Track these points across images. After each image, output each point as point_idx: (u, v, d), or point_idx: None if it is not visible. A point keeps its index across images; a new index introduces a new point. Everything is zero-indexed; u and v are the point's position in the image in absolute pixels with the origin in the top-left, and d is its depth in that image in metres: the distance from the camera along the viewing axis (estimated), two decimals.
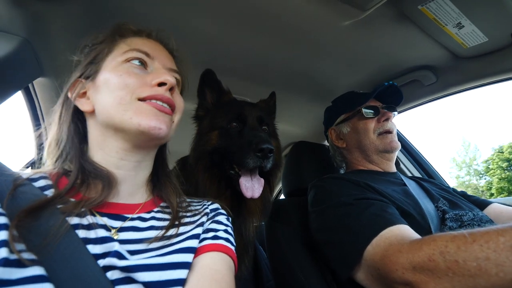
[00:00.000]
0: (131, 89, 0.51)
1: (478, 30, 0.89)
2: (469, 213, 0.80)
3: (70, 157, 0.52)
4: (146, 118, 0.50)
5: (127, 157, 0.54)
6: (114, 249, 0.43)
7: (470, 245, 0.45)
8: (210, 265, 0.51)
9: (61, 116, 0.56)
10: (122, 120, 0.50)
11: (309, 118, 1.57)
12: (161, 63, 0.58)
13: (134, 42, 0.58)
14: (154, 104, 0.52)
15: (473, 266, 0.44)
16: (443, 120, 73.07)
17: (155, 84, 0.53)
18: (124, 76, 0.52)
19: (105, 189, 0.49)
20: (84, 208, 0.46)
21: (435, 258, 0.48)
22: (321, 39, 0.98)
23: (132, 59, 0.55)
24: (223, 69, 1.11)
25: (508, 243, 0.42)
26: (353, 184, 0.82)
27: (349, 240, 0.66)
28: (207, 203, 0.66)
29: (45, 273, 0.37)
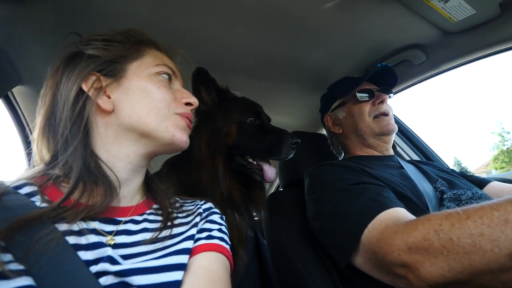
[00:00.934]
0: (168, 103, 0.55)
1: (465, 3, 0.86)
2: (467, 192, 0.79)
3: (70, 159, 0.47)
4: (180, 132, 0.56)
5: (136, 161, 0.54)
6: (107, 254, 0.42)
7: (464, 221, 0.44)
8: (206, 265, 0.50)
9: (57, 107, 0.50)
10: (157, 128, 0.53)
11: (302, 108, 1.56)
12: (180, 81, 0.63)
13: (160, 56, 0.60)
14: (187, 121, 0.59)
15: (467, 243, 0.42)
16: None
17: (184, 103, 0.59)
18: (162, 89, 0.55)
19: (108, 195, 0.47)
20: (83, 217, 0.44)
21: (429, 237, 0.47)
22: (306, 25, 0.96)
23: (163, 73, 0.58)
24: (208, 62, 1.09)
25: (503, 217, 0.41)
26: (347, 170, 0.80)
27: (345, 227, 0.65)
28: (200, 202, 0.65)
29: (33, 283, 0.36)
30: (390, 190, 0.72)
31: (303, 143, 1.16)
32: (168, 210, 0.57)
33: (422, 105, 76.32)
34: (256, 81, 1.28)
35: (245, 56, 1.11)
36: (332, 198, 0.74)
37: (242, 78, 1.23)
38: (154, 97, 0.54)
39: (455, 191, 0.80)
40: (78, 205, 0.45)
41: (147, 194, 0.60)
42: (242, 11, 0.88)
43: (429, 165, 1.02)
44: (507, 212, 0.41)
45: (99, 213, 0.46)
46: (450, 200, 0.78)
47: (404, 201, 0.69)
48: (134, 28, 0.61)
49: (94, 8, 0.80)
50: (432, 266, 0.46)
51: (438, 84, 66.73)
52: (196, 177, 0.86)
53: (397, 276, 0.53)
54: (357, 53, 1.16)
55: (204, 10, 0.86)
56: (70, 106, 0.49)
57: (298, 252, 0.85)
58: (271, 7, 0.86)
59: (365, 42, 1.08)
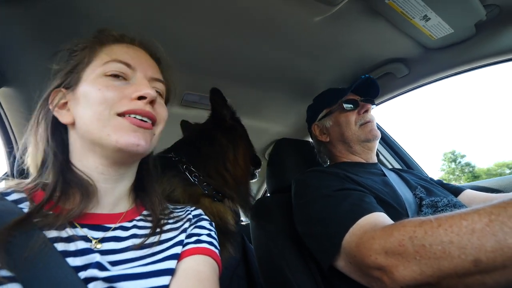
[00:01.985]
0: (109, 104, 0.49)
1: (444, 22, 0.92)
2: (443, 199, 0.84)
3: (50, 168, 0.50)
4: (125, 135, 0.48)
5: (108, 171, 0.52)
6: (95, 261, 0.42)
7: (436, 229, 0.47)
8: (194, 266, 0.50)
9: (39, 128, 0.54)
10: (100, 137, 0.48)
11: (290, 115, 1.58)
12: (142, 72, 0.55)
13: (115, 51, 0.55)
14: (132, 120, 0.50)
15: (438, 250, 0.46)
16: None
17: (135, 98, 0.51)
18: (102, 90, 0.50)
19: (84, 199, 0.48)
20: (64, 221, 0.44)
21: (404, 243, 0.50)
22: (295, 36, 0.99)
23: (112, 71, 0.52)
24: (197, 68, 1.10)
25: (470, 226, 0.44)
26: (333, 176, 0.84)
27: (328, 231, 0.68)
28: (190, 209, 0.65)
29: None
30: (372, 196, 0.75)
31: (291, 150, 1.19)
32: (158, 216, 0.57)
33: (402, 116, 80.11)
34: (246, 88, 1.30)
35: (235, 63, 1.12)
36: (317, 203, 0.76)
37: (231, 84, 1.25)
38: (94, 101, 0.49)
39: (433, 198, 0.85)
40: (57, 208, 0.46)
41: (137, 200, 0.60)
42: (233, 20, 0.89)
43: (409, 173, 1.07)
44: (473, 222, 0.44)
45: (77, 217, 0.46)
46: (428, 206, 0.82)
47: (385, 206, 0.73)
48: (101, 28, 0.59)
49: (82, 11, 0.79)
50: (405, 270, 0.49)
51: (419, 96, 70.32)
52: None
53: (374, 278, 0.56)
54: (343, 64, 1.20)
55: (196, 17, 0.87)
56: (43, 123, 0.54)
57: (284, 256, 0.87)
58: (263, 17, 0.88)
59: (351, 54, 1.12)
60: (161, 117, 0.56)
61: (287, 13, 0.86)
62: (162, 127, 0.58)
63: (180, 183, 0.81)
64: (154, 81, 0.58)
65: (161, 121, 0.57)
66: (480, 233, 0.43)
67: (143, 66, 0.56)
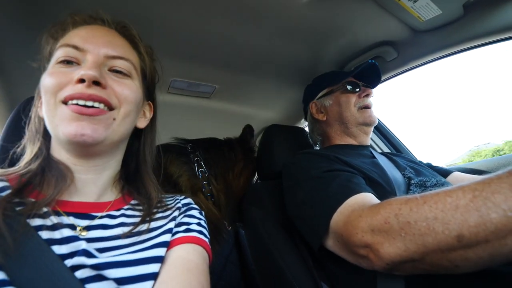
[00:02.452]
0: (54, 92, 0.47)
1: (432, 3, 0.90)
2: (432, 179, 0.85)
3: (37, 160, 0.51)
4: (67, 125, 0.45)
5: (80, 163, 0.51)
6: (82, 248, 0.42)
7: (421, 206, 0.48)
8: (183, 255, 0.50)
9: (32, 126, 0.55)
10: (51, 128, 0.48)
11: (280, 101, 1.58)
12: (94, 52, 0.50)
13: (70, 36, 0.52)
14: (73, 108, 0.45)
15: (423, 226, 0.46)
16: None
17: (76, 82, 0.46)
18: (47, 78, 0.48)
19: (58, 183, 0.47)
20: (45, 208, 0.44)
21: (390, 221, 0.51)
22: (282, 19, 0.96)
23: (61, 56, 0.49)
24: (183, 54, 1.07)
25: (454, 203, 0.45)
26: (323, 158, 0.84)
27: (317, 213, 0.69)
28: (180, 197, 0.65)
29: (7, 277, 0.35)
30: (361, 176, 0.76)
31: (281, 136, 1.19)
32: (153, 205, 0.57)
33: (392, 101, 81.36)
34: (234, 74, 1.27)
35: (222, 48, 1.10)
36: (306, 184, 0.77)
37: (219, 70, 1.23)
38: (43, 90, 0.48)
39: (421, 178, 0.86)
40: (34, 193, 0.46)
41: (124, 190, 0.59)
42: (220, 4, 0.87)
43: (399, 156, 1.08)
44: (458, 198, 0.45)
45: (53, 201, 0.46)
46: (417, 186, 0.83)
47: (374, 185, 0.74)
48: (69, 15, 0.56)
49: None
50: (390, 247, 0.50)
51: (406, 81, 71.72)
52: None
53: (360, 256, 0.57)
54: (332, 49, 1.18)
55: (182, 2, 0.84)
56: (31, 120, 0.56)
57: (275, 241, 0.88)
58: (250, 4, 0.86)
59: (339, 38, 1.11)
60: (121, 97, 0.51)
61: None
62: (129, 109, 0.53)
63: (187, 172, 0.86)
64: (112, 59, 0.52)
65: (123, 101, 0.51)
66: (463, 209, 0.43)
67: (96, 45, 0.51)
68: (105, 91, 0.49)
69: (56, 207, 0.46)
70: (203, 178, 0.88)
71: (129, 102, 0.53)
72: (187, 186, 0.83)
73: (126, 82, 0.54)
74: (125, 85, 0.53)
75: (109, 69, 0.52)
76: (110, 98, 0.49)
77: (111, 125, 0.50)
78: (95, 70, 0.48)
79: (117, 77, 0.53)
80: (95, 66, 0.49)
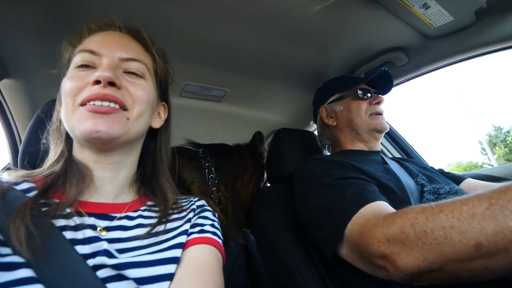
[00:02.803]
0: (72, 96, 0.50)
1: (444, 10, 0.91)
2: (445, 187, 0.84)
3: (61, 162, 0.53)
4: (83, 123, 0.48)
5: (100, 159, 0.54)
6: (103, 248, 0.44)
7: (437, 215, 0.47)
8: (198, 256, 0.51)
9: (56, 128, 0.58)
10: (70, 129, 0.51)
11: (290, 105, 1.59)
12: (109, 55, 0.53)
13: (85, 42, 0.55)
14: (89, 107, 0.48)
15: (439, 235, 0.46)
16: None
17: (92, 83, 0.49)
18: (67, 82, 0.51)
19: (79, 183, 0.49)
20: (68, 209, 0.46)
21: (406, 230, 0.50)
22: (295, 26, 0.98)
23: (79, 61, 0.53)
24: (197, 58, 1.10)
25: (470, 211, 0.44)
26: (335, 164, 0.84)
27: (331, 220, 0.69)
28: (194, 199, 0.66)
29: (34, 274, 0.37)
30: (374, 184, 0.75)
31: (291, 139, 1.21)
32: (169, 206, 0.58)
33: (403, 105, 80.00)
34: (245, 78, 1.29)
35: (235, 53, 1.12)
36: (319, 192, 0.76)
37: (231, 74, 1.25)
38: (63, 95, 0.51)
39: (434, 185, 0.85)
40: (58, 194, 0.48)
41: (140, 192, 0.61)
42: (233, 10, 0.89)
43: (410, 162, 1.07)
44: (474, 207, 0.44)
45: (75, 202, 0.48)
46: (430, 193, 0.82)
47: (388, 192, 0.73)
48: (87, 22, 0.59)
49: (83, 4, 0.79)
50: (408, 257, 0.48)
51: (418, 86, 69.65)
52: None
53: (377, 266, 0.56)
54: (343, 54, 1.19)
55: (196, 8, 0.87)
56: (53, 123, 0.59)
57: (285, 244, 0.89)
58: (263, 6, 0.87)
59: (351, 43, 1.12)
60: (135, 98, 0.54)
61: (287, 1, 0.86)
62: (142, 109, 0.55)
63: (199, 178, 0.88)
64: (126, 61, 0.55)
65: (137, 101, 0.54)
66: (480, 217, 0.43)
67: (111, 50, 0.54)
68: (120, 92, 0.51)
69: (78, 208, 0.48)
70: (213, 185, 0.90)
71: (142, 102, 0.55)
72: (198, 193, 0.85)
73: (140, 83, 0.56)
74: (139, 86, 0.55)
75: (123, 71, 0.55)
76: (124, 98, 0.52)
77: (126, 124, 0.52)
78: (110, 71, 0.50)
79: (131, 78, 0.55)
80: (110, 68, 0.52)
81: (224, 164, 0.98)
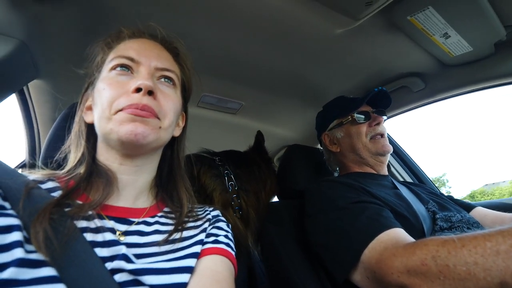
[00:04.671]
0: (111, 102, 0.51)
1: (464, 40, 0.93)
2: (457, 215, 0.83)
3: (83, 163, 0.55)
4: (123, 126, 0.50)
5: (126, 162, 0.55)
6: (122, 252, 0.44)
7: (459, 250, 0.47)
8: (212, 266, 0.51)
9: (78, 129, 0.59)
10: (105, 133, 0.52)
11: (302, 122, 1.60)
12: (146, 64, 0.56)
13: (123, 47, 0.58)
14: (129, 111, 0.50)
15: (463, 270, 0.45)
16: None
17: (133, 91, 0.51)
18: (106, 88, 0.53)
19: (106, 187, 0.51)
20: (90, 211, 0.47)
21: (427, 263, 0.49)
22: (315, 46, 1.01)
23: (116, 66, 0.55)
24: (215, 71, 1.13)
25: (495, 248, 0.44)
26: (348, 187, 0.84)
27: (345, 244, 0.68)
28: (209, 209, 0.67)
29: (57, 274, 0.38)
30: (388, 209, 0.75)
31: (302, 156, 1.21)
32: (185, 213, 0.59)
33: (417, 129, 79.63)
34: (260, 92, 1.32)
35: (252, 68, 1.15)
36: (333, 215, 0.76)
37: (246, 88, 1.27)
38: (102, 100, 0.52)
39: (446, 213, 0.84)
40: (83, 197, 0.49)
41: (158, 197, 0.62)
42: (255, 29, 0.92)
43: (420, 187, 1.06)
44: (498, 243, 0.44)
45: (100, 205, 0.49)
46: (442, 220, 0.81)
47: (401, 220, 0.72)
48: (120, 28, 0.61)
49: (110, 10, 0.82)
50: None
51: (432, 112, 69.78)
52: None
53: None
54: (360, 75, 1.21)
55: (218, 24, 0.90)
56: (79, 126, 0.60)
57: (293, 261, 0.88)
58: (286, 27, 0.90)
59: (368, 66, 1.14)
60: (166, 109, 0.56)
61: (311, 24, 0.88)
62: (172, 119, 0.57)
63: (220, 186, 0.89)
64: (161, 70, 0.58)
65: (167, 113, 0.56)
66: (505, 255, 0.42)
67: (148, 57, 0.56)
68: (155, 102, 0.54)
69: (99, 211, 0.49)
70: (233, 192, 0.90)
71: (172, 113, 0.57)
72: (219, 200, 0.86)
73: (170, 93, 0.59)
74: (170, 97, 0.58)
75: (156, 79, 0.58)
76: (158, 109, 0.54)
77: (159, 132, 0.54)
78: (150, 80, 0.53)
79: (163, 87, 0.58)
80: (150, 77, 0.55)
81: (245, 173, 0.99)
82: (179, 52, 0.66)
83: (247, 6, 0.82)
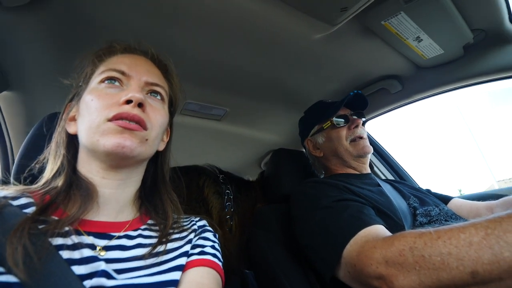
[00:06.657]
0: (100, 112, 0.51)
1: (435, 43, 0.98)
2: (435, 209, 0.88)
3: (62, 175, 0.53)
4: (110, 138, 0.49)
5: (109, 176, 0.54)
6: (101, 269, 0.42)
7: (435, 241, 0.49)
8: (197, 279, 0.50)
9: (58, 140, 0.58)
10: (91, 143, 0.50)
11: (286, 126, 1.62)
12: (137, 78, 0.57)
13: (114, 61, 0.58)
14: (118, 123, 0.50)
15: (437, 260, 0.47)
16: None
17: (123, 102, 0.51)
18: (95, 100, 0.52)
19: (85, 202, 0.49)
20: (67, 227, 0.44)
21: (404, 253, 0.51)
22: (295, 52, 1.03)
23: (106, 78, 0.55)
24: (198, 78, 1.12)
25: (468, 239, 0.46)
26: (331, 187, 0.86)
27: (329, 242, 0.70)
28: (195, 219, 0.66)
29: None
30: (370, 207, 0.77)
31: (288, 160, 1.22)
32: (169, 226, 0.57)
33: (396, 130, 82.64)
34: (244, 98, 1.32)
35: (235, 74, 1.15)
36: (317, 214, 0.77)
37: (230, 95, 1.27)
38: (90, 110, 0.52)
39: (426, 208, 0.88)
40: (59, 212, 0.47)
41: (141, 209, 0.60)
42: (236, 35, 0.92)
43: (402, 184, 1.10)
44: (471, 235, 0.46)
45: (77, 220, 0.46)
46: (422, 215, 0.85)
47: (383, 216, 0.75)
48: (110, 42, 0.63)
49: (89, 21, 0.80)
50: (405, 280, 0.50)
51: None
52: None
53: (373, 287, 0.56)
54: (339, 79, 1.25)
55: (199, 31, 0.89)
56: (60, 136, 0.58)
57: (282, 265, 0.87)
58: (265, 33, 0.91)
59: (347, 70, 1.17)
60: (154, 121, 0.56)
61: (289, 29, 0.90)
62: (158, 132, 0.58)
63: (219, 205, 0.91)
64: (150, 85, 0.59)
65: (154, 125, 0.56)
66: (477, 246, 0.45)
67: (139, 72, 0.57)
68: (144, 114, 0.54)
69: (77, 226, 0.47)
70: (229, 213, 0.92)
71: (159, 126, 0.58)
72: (216, 218, 0.87)
73: (159, 107, 0.59)
74: (158, 111, 0.58)
75: (146, 93, 0.59)
76: (146, 120, 0.54)
77: (145, 144, 0.54)
78: (140, 93, 0.54)
79: (152, 101, 0.58)
80: (140, 90, 0.56)
81: (244, 199, 1.04)
82: (168, 69, 0.68)
83: (227, 13, 0.83)
